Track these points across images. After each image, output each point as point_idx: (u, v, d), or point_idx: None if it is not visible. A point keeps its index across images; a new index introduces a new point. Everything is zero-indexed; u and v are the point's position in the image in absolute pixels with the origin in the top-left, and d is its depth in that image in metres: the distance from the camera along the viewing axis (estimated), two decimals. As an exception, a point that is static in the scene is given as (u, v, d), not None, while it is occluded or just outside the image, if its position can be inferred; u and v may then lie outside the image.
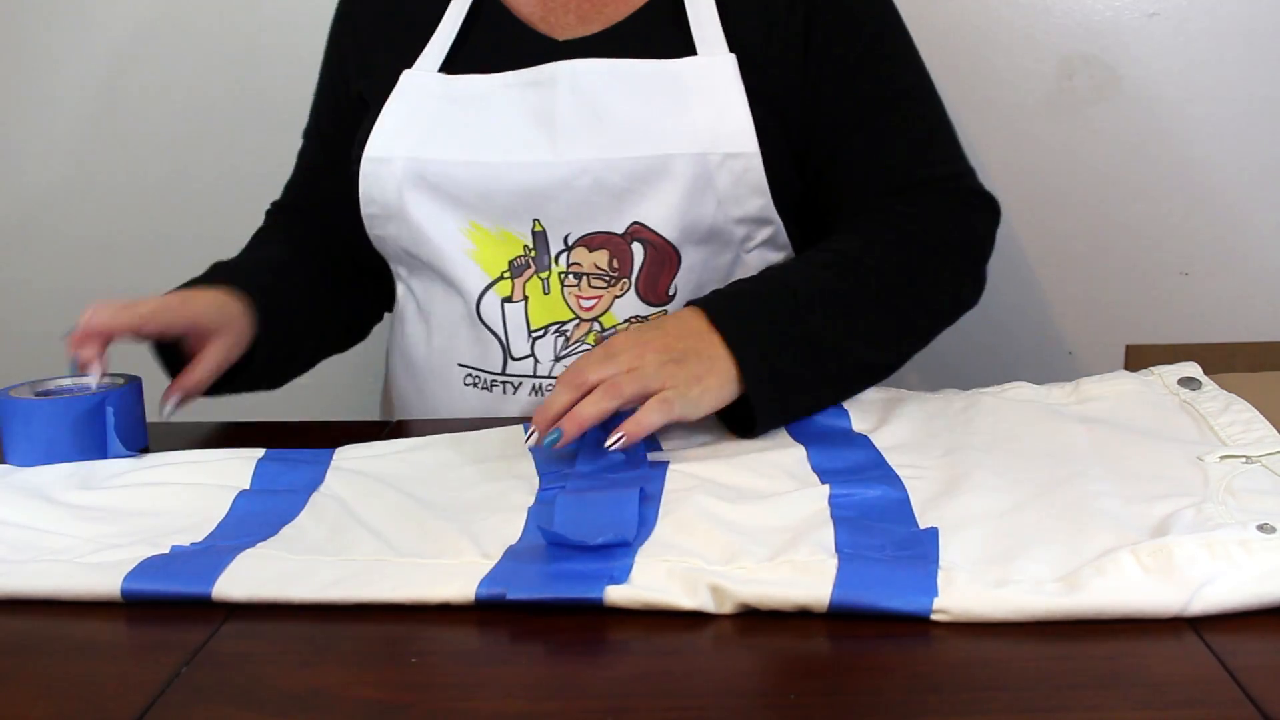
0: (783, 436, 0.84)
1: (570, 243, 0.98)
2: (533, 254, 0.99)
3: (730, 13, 0.99)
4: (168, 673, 0.58)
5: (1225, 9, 1.35)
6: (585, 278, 0.99)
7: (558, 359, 1.00)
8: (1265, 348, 1.43)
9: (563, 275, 0.99)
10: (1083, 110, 1.39)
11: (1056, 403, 0.88)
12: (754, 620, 0.62)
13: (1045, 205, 1.42)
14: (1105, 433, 0.81)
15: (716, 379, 0.81)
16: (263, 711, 0.55)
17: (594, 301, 0.99)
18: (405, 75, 1.02)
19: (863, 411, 0.88)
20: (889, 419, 0.86)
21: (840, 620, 0.61)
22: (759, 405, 0.82)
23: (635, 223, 0.97)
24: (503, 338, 1.01)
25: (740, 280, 0.90)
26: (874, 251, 0.92)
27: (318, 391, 1.01)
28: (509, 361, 1.01)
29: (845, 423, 0.86)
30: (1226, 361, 1.41)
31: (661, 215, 0.96)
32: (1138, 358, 1.43)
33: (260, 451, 0.85)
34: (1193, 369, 0.90)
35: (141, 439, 0.91)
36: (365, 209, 1.02)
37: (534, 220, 0.98)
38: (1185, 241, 1.42)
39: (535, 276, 0.99)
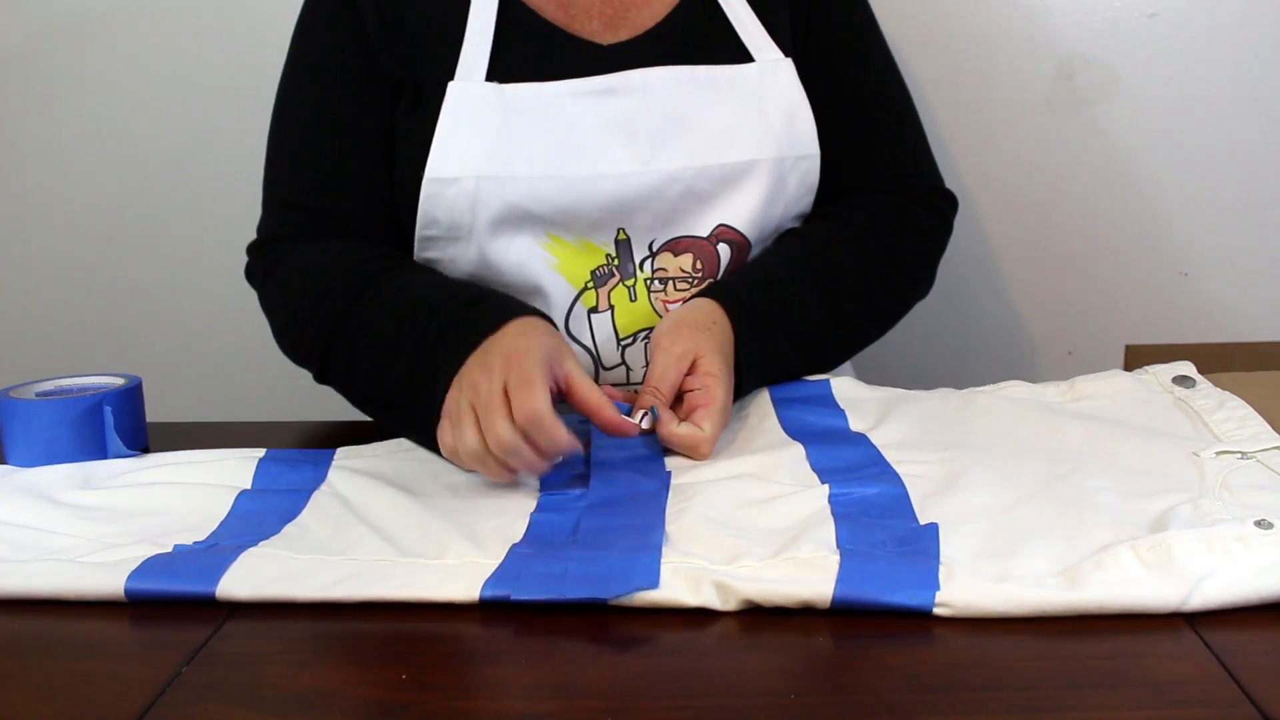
0: (782, 437, 0.84)
1: (655, 249, 0.98)
2: (616, 262, 0.97)
3: (765, 16, 1.00)
4: (168, 673, 0.58)
5: (1225, 9, 1.35)
6: (671, 281, 0.98)
7: (649, 365, 0.99)
8: (1264, 347, 1.43)
9: (649, 281, 0.98)
10: (1083, 110, 1.39)
11: (1052, 401, 0.89)
12: (754, 620, 0.62)
13: (1044, 205, 1.42)
14: (1101, 430, 0.82)
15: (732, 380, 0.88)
16: (263, 711, 0.55)
17: (679, 305, 0.97)
18: (453, 86, 0.94)
19: (860, 411, 0.88)
20: (886, 418, 0.87)
21: (840, 620, 0.61)
22: (745, 383, 0.91)
23: (721, 225, 0.98)
24: (593, 350, 0.99)
25: (745, 273, 0.95)
26: (847, 243, 0.98)
27: (318, 392, 1.00)
28: (600, 373, 1.00)
29: (843, 422, 0.87)
30: (1225, 361, 1.41)
31: (744, 216, 0.98)
32: (1137, 358, 1.43)
33: (261, 451, 0.85)
34: (1187, 367, 0.91)
35: (142, 439, 0.91)
36: (424, 230, 0.96)
37: (619, 229, 0.97)
38: (1185, 241, 1.42)
39: (621, 285, 0.98)
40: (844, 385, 0.92)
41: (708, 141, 0.96)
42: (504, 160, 0.94)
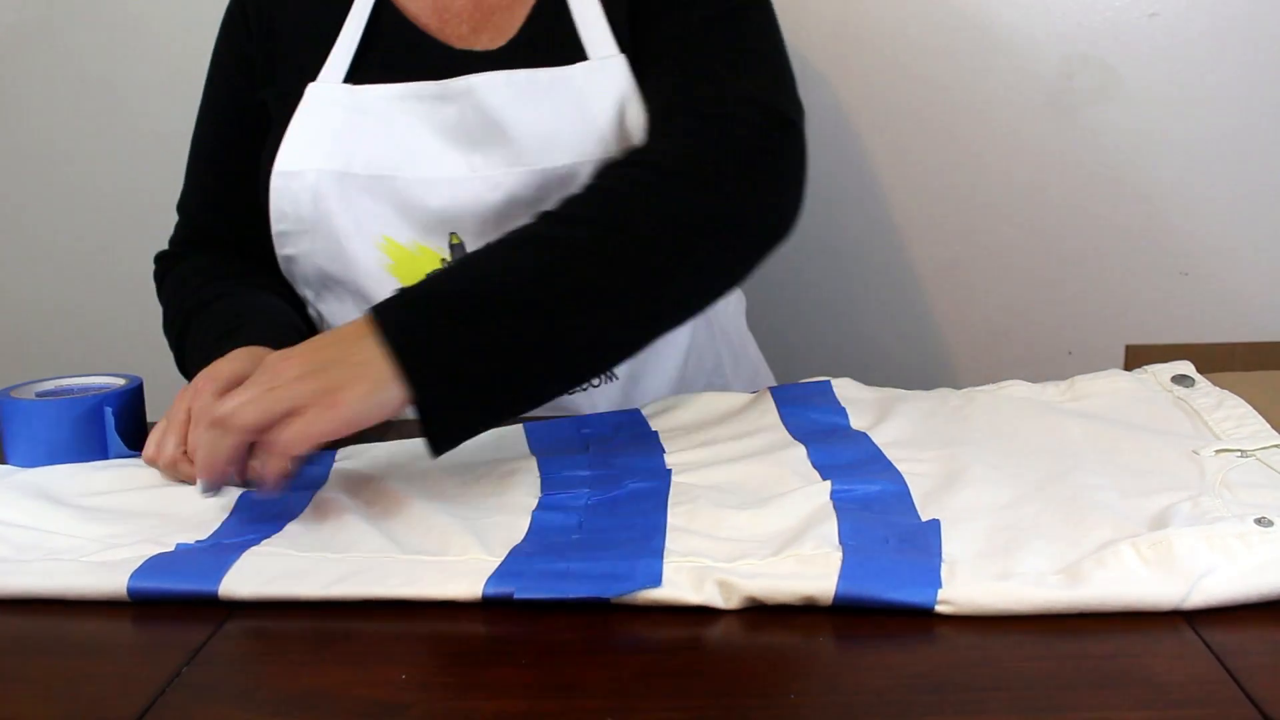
0: (784, 435, 0.84)
1: None
2: None
3: (611, 11, 0.98)
4: (168, 673, 0.58)
5: (1225, 9, 1.35)
6: None
7: None
8: (1264, 347, 1.43)
9: None
10: (1083, 110, 1.39)
11: (1051, 400, 0.89)
12: (754, 619, 0.62)
13: (1045, 205, 1.42)
14: (1100, 428, 0.82)
15: (366, 384, 0.71)
16: (262, 711, 0.55)
17: None
18: (311, 88, 1.00)
19: (860, 410, 0.88)
20: (886, 416, 0.87)
21: (840, 619, 0.61)
22: (432, 408, 0.73)
23: None
24: None
25: (427, 278, 0.78)
26: (611, 205, 0.82)
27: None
28: None
29: (844, 420, 0.87)
30: (1225, 361, 1.42)
31: None
32: (1137, 358, 1.43)
33: (261, 452, 0.85)
34: (1186, 367, 0.91)
35: (142, 439, 0.91)
36: (276, 225, 1.00)
37: (450, 234, 0.97)
38: (1185, 241, 1.42)
39: None
40: (844, 385, 0.92)
41: (528, 147, 0.95)
42: (343, 157, 0.98)
